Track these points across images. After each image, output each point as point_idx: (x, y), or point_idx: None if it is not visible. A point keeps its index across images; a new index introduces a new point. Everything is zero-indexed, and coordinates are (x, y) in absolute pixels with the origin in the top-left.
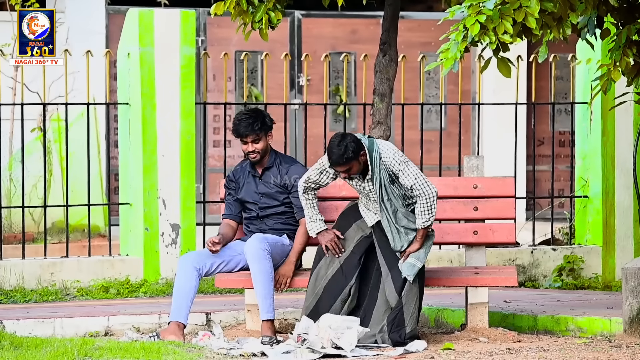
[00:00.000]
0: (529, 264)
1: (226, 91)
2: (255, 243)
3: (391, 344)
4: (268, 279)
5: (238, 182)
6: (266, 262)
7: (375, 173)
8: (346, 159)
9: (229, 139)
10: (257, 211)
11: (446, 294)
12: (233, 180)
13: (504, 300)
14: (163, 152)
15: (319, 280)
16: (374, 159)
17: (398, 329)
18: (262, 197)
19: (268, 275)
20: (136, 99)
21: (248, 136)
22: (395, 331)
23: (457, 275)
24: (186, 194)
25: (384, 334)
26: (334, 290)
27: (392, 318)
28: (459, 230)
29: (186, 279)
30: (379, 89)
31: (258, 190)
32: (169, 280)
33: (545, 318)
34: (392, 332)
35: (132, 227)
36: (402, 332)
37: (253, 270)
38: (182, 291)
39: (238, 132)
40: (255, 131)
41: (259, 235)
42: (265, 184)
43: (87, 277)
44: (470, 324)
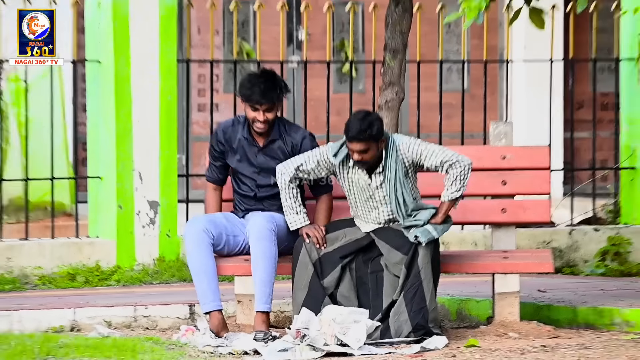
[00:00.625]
0: (566, 246)
1: (213, 47)
2: (262, 222)
3: (410, 329)
4: (271, 264)
5: (230, 145)
6: (271, 245)
7: (390, 163)
8: (368, 136)
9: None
10: (254, 189)
11: (470, 282)
12: (222, 142)
13: (538, 289)
14: (139, 118)
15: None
16: (389, 149)
17: (420, 309)
18: (261, 173)
19: (271, 259)
20: (108, 55)
21: (263, 104)
22: (417, 311)
23: (482, 259)
24: (166, 166)
25: (398, 321)
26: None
27: (412, 294)
28: (485, 208)
29: (206, 254)
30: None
31: (257, 164)
32: (145, 266)
33: (587, 310)
34: (412, 312)
35: (102, 205)
36: (424, 312)
37: (255, 252)
38: (207, 269)
39: (250, 97)
40: (272, 99)
41: (265, 213)
42: (266, 157)
43: (50, 262)
44: (498, 316)
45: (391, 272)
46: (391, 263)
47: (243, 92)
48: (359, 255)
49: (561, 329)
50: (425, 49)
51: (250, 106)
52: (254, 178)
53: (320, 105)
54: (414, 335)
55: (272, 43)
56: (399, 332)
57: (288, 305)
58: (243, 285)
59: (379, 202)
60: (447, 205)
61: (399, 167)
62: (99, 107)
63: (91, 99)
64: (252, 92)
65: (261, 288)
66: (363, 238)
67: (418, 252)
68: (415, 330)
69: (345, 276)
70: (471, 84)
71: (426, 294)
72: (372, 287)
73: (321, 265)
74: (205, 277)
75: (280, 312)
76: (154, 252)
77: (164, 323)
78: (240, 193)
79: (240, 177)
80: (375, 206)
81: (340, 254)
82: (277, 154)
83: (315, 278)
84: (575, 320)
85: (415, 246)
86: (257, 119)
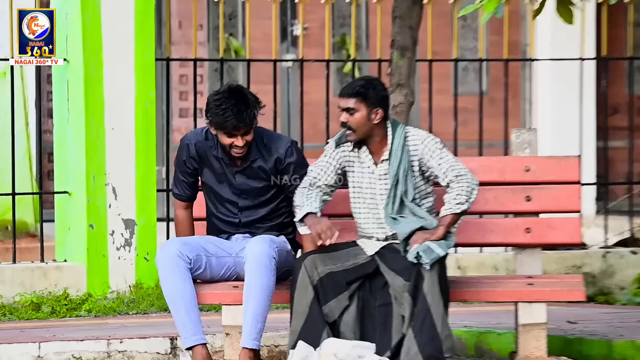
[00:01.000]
0: (600, 271)
1: (196, 43)
2: (262, 247)
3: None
4: (267, 296)
5: (203, 161)
6: (270, 275)
7: (397, 150)
8: (357, 92)
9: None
10: (237, 215)
11: (490, 312)
12: (195, 158)
13: (568, 320)
14: (113, 125)
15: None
16: (397, 135)
17: (430, 338)
18: (241, 195)
19: (268, 291)
20: (76, 53)
21: (240, 129)
22: (428, 341)
23: (504, 286)
24: (144, 180)
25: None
26: None
27: (420, 322)
28: (507, 227)
29: (182, 280)
30: (399, 41)
31: (237, 185)
32: (120, 293)
33: (623, 344)
34: (423, 342)
35: (71, 224)
36: (436, 342)
37: (250, 282)
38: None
39: (223, 124)
40: (249, 122)
41: (265, 237)
42: (246, 177)
43: (12, 290)
44: (522, 351)
45: (399, 302)
46: (397, 291)
47: (215, 120)
48: (365, 284)
49: None
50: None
51: (225, 134)
52: (234, 200)
53: (319, 110)
54: None
55: (264, 39)
56: None
57: (283, 338)
58: (231, 316)
59: (381, 199)
60: (449, 218)
61: (404, 156)
62: (67, 113)
63: (58, 104)
64: (225, 119)
65: (252, 322)
66: (368, 263)
67: (422, 275)
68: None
69: (351, 304)
70: (490, 86)
71: (436, 320)
72: (379, 320)
73: (322, 288)
74: (183, 306)
75: (274, 346)
76: (130, 277)
77: (142, 359)
78: (219, 218)
79: (217, 198)
80: (377, 205)
81: (346, 279)
82: (257, 173)
83: (316, 303)
84: (610, 356)
85: (418, 269)
86: (236, 144)
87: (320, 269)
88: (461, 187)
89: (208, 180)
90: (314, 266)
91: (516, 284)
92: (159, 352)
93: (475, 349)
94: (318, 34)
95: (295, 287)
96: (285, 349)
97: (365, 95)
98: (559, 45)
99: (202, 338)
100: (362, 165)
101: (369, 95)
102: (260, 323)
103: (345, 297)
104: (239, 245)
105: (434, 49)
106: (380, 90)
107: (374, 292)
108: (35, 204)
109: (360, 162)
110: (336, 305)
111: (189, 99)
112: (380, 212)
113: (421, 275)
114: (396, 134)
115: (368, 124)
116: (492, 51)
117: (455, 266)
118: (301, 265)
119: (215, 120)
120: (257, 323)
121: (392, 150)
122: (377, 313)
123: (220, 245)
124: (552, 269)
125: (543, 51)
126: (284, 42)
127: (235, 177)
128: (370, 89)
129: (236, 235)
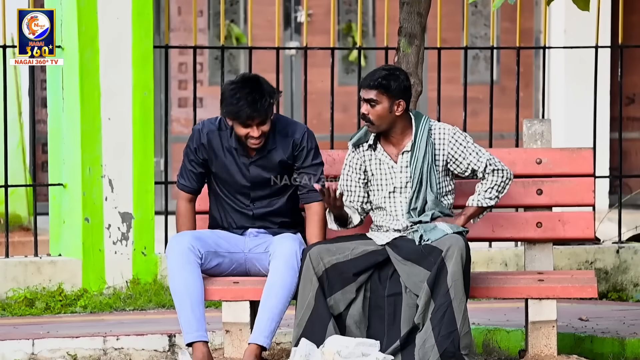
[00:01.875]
0: (613, 267)
1: (196, 30)
2: (294, 247)
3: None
4: (287, 296)
5: (214, 152)
6: (295, 276)
7: (420, 142)
8: (379, 84)
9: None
10: (249, 207)
11: (499, 309)
12: (205, 147)
13: (579, 317)
14: (109, 115)
15: None
16: (421, 128)
17: (449, 332)
18: (253, 186)
19: (290, 292)
20: (71, 40)
21: (255, 118)
22: (445, 335)
23: (514, 282)
24: (141, 172)
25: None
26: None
27: (440, 316)
28: (517, 222)
29: (192, 276)
30: (407, 28)
31: (250, 177)
32: (117, 289)
33: (636, 342)
34: (441, 337)
35: (66, 218)
36: (454, 337)
37: (275, 279)
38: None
39: (238, 114)
40: (264, 111)
41: (295, 236)
42: (260, 168)
43: (4, 285)
44: (532, 349)
45: (411, 293)
46: (411, 282)
47: (229, 110)
48: (374, 274)
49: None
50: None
51: (240, 124)
52: (246, 192)
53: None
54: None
55: (266, 26)
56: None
57: (285, 336)
58: (232, 313)
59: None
60: (473, 209)
61: (429, 149)
62: (61, 102)
63: (52, 93)
64: (240, 108)
65: (268, 320)
66: (378, 252)
67: (446, 266)
68: (443, 358)
69: (358, 297)
70: (501, 75)
71: (457, 315)
72: (388, 312)
73: (328, 279)
74: (189, 302)
75: (276, 343)
76: (126, 272)
77: (139, 357)
78: (234, 208)
79: (229, 189)
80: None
81: (354, 269)
82: (274, 165)
83: (321, 295)
84: (623, 354)
85: (442, 259)
86: (252, 135)
87: (326, 260)
88: (496, 181)
89: (219, 170)
90: (319, 257)
91: (526, 280)
92: (157, 350)
93: (483, 347)
94: (323, 21)
95: (300, 280)
96: (286, 346)
97: (388, 87)
98: (573, 33)
99: (204, 335)
100: (381, 162)
101: (391, 87)
102: (275, 322)
103: (352, 290)
104: (252, 242)
105: (443, 36)
106: (403, 80)
107: (382, 282)
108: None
109: (377, 160)
110: (342, 297)
111: (188, 88)
112: (398, 205)
113: (444, 266)
114: (420, 126)
115: (390, 116)
116: (503, 39)
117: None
118: (306, 256)
119: (229, 110)
120: (272, 322)
121: (415, 142)
122: (386, 304)
123: (231, 241)
124: (564, 264)
125: (557, 39)
126: (287, 29)
127: (250, 168)
128: (392, 80)
129: (250, 230)
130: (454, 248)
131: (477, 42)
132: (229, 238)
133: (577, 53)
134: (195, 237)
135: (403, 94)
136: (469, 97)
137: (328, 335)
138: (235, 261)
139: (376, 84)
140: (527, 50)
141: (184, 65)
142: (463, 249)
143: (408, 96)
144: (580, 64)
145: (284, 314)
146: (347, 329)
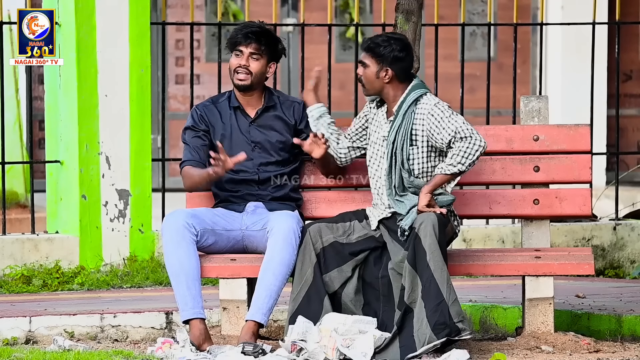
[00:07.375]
0: (610, 244)
1: (193, 7)
2: (291, 223)
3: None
4: (285, 273)
5: (211, 120)
6: (293, 253)
7: (403, 111)
8: (368, 48)
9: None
10: (254, 171)
11: (496, 286)
12: (204, 117)
13: (576, 294)
14: (106, 91)
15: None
16: (408, 97)
17: (437, 304)
18: (256, 150)
19: (288, 269)
20: (68, 16)
21: (248, 45)
22: (433, 307)
23: (510, 259)
24: (138, 149)
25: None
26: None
27: (427, 292)
28: (514, 199)
29: (187, 253)
30: (404, 4)
31: (251, 139)
32: (114, 267)
33: (633, 319)
34: (430, 311)
35: (63, 195)
36: (442, 307)
37: (272, 256)
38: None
39: (235, 38)
40: (259, 42)
41: (292, 213)
42: (261, 129)
43: (1, 262)
44: (528, 327)
45: (395, 272)
46: (395, 262)
47: (229, 39)
48: (369, 257)
49: (603, 342)
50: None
51: (234, 50)
52: (251, 156)
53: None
54: (436, 338)
55: (263, 2)
56: (422, 340)
57: (282, 313)
58: (229, 290)
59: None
60: (438, 178)
61: (407, 120)
62: (58, 79)
63: (49, 69)
64: (238, 32)
65: (265, 297)
66: (374, 237)
67: (421, 241)
68: (436, 331)
69: (353, 275)
70: (498, 52)
71: (441, 286)
72: (382, 292)
73: (325, 257)
74: (185, 280)
75: (273, 321)
76: (124, 250)
77: (136, 334)
78: (233, 180)
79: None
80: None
81: (350, 249)
82: (274, 123)
83: (318, 271)
84: (619, 331)
85: (417, 236)
86: (240, 63)
87: (325, 237)
88: (460, 147)
89: (220, 138)
90: (318, 234)
91: (523, 257)
92: (154, 327)
93: (480, 325)
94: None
95: (298, 257)
96: (284, 324)
97: (377, 53)
98: (570, 9)
99: (200, 312)
100: (378, 120)
101: (380, 53)
102: (272, 299)
103: (349, 269)
104: (249, 219)
105: (441, 12)
106: (395, 49)
107: (377, 263)
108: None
109: (377, 120)
110: (337, 275)
111: (185, 65)
112: (382, 178)
113: (420, 242)
114: (409, 97)
115: (377, 81)
116: (500, 15)
117: (460, 239)
118: (306, 232)
119: (230, 37)
120: (270, 299)
121: (397, 114)
122: (380, 284)
123: (228, 219)
124: (561, 241)
125: (554, 15)
126: (284, 6)
127: (250, 129)
128: (384, 47)
129: (249, 204)
130: (426, 223)
131: (475, 19)
132: (226, 215)
133: (575, 30)
134: (191, 215)
135: (391, 63)
136: (466, 73)
137: (324, 311)
138: (233, 239)
139: (367, 47)
140: (525, 27)
141: (181, 42)
142: (435, 221)
143: (398, 66)
144: (577, 41)
145: (281, 291)
146: (343, 306)
